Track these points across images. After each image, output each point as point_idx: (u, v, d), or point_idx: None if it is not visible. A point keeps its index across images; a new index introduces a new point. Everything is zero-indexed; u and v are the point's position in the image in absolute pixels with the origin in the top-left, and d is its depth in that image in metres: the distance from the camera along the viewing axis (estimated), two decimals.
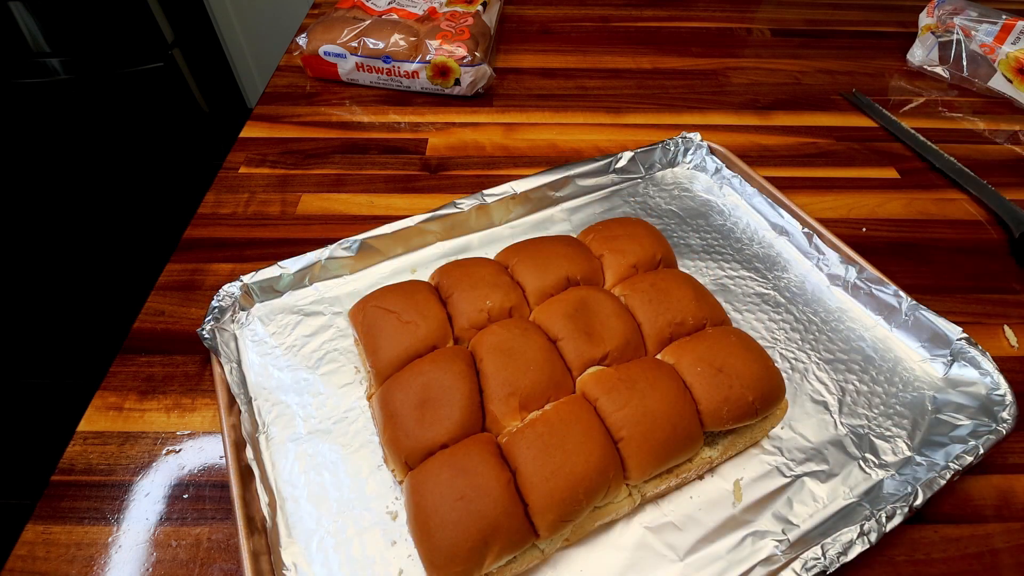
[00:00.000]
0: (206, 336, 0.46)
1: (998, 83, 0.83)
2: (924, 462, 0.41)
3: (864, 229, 0.62)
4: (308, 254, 0.53)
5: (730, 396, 0.38)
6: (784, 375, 0.46)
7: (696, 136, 0.67)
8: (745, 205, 0.63)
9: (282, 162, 0.68)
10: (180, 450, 0.43)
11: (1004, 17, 0.83)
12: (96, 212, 1.74)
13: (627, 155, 0.65)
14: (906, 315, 0.49)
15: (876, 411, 0.45)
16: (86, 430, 0.43)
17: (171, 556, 0.37)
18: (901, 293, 0.50)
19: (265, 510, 0.38)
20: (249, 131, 0.73)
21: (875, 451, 0.43)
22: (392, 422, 0.38)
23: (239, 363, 0.47)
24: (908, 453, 0.43)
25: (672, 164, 0.68)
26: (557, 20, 0.99)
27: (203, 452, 0.43)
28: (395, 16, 0.80)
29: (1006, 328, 0.53)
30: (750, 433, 0.41)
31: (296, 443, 0.42)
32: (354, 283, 0.54)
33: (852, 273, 0.53)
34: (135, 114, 1.69)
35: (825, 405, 0.46)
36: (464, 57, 0.74)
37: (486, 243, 0.58)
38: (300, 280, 0.52)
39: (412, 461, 0.37)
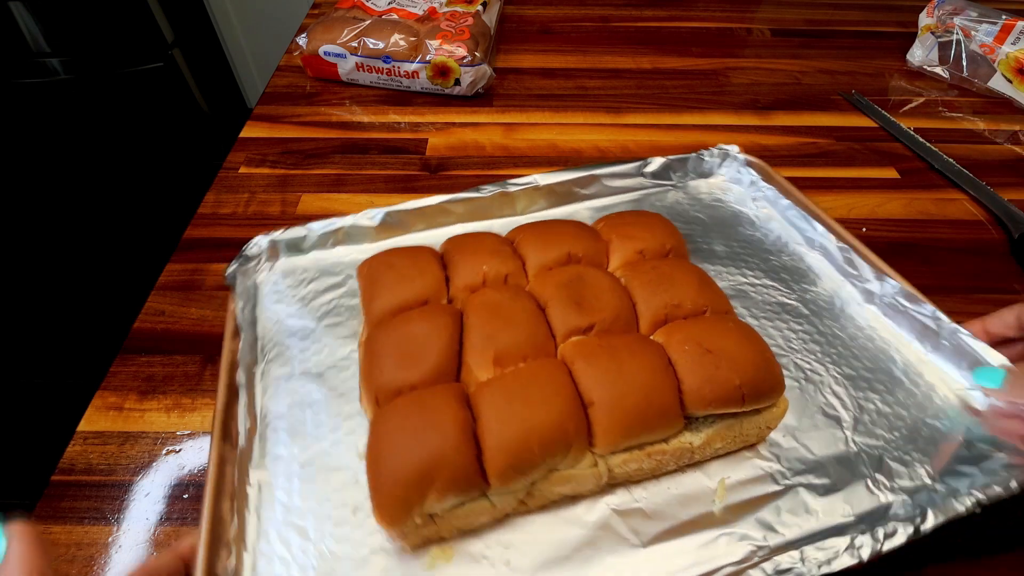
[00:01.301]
0: (229, 279, 0.49)
1: (998, 83, 0.83)
2: (945, 491, 0.37)
3: (864, 229, 0.62)
4: (334, 219, 0.55)
5: (715, 376, 0.36)
6: (796, 385, 0.44)
7: (734, 148, 0.65)
8: (778, 217, 0.60)
9: (282, 162, 0.68)
10: (180, 450, 0.43)
11: (1004, 17, 0.83)
12: (96, 212, 1.74)
13: (659, 160, 0.63)
14: (946, 339, 0.45)
15: (897, 434, 0.42)
16: (86, 430, 0.43)
17: None
18: (940, 315, 0.46)
19: (244, 432, 0.40)
20: (249, 131, 0.73)
21: (889, 473, 0.39)
22: (370, 361, 0.39)
23: (254, 305, 0.50)
24: (927, 481, 0.39)
25: (706, 174, 0.65)
26: (557, 20, 0.99)
27: (203, 452, 0.43)
28: (395, 16, 0.80)
29: None
30: (740, 429, 0.39)
31: (288, 381, 0.45)
32: (373, 251, 0.55)
33: (888, 291, 0.49)
34: (135, 114, 1.69)
35: (838, 420, 0.43)
36: (464, 57, 0.74)
37: (507, 230, 0.56)
38: (324, 242, 0.55)
39: (382, 398, 0.37)
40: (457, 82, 0.76)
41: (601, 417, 0.35)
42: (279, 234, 0.54)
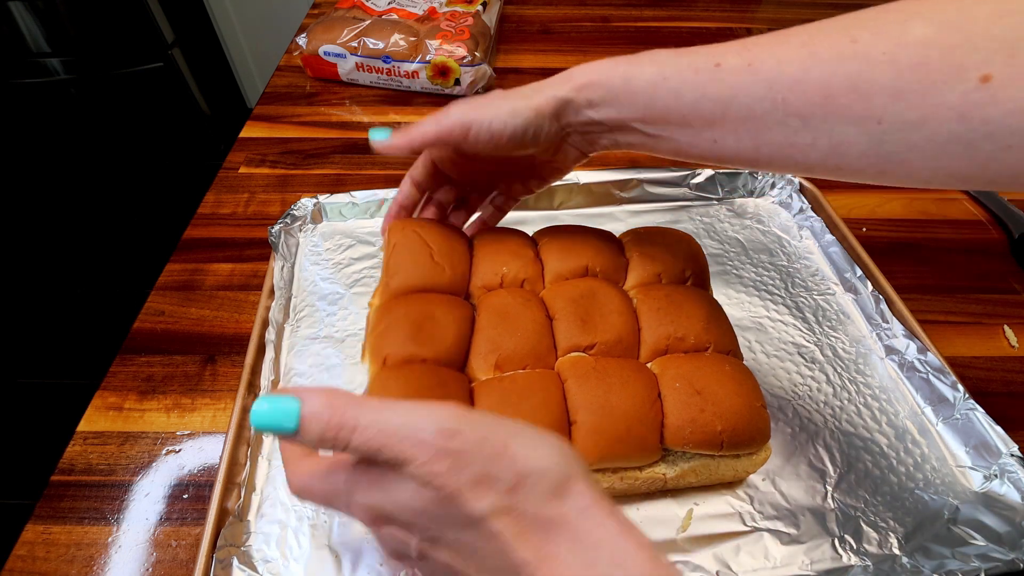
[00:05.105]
0: (274, 236, 0.54)
1: None
2: (909, 566, 0.37)
3: (864, 229, 0.62)
4: (378, 191, 0.60)
5: (698, 419, 0.37)
6: (789, 431, 0.44)
7: None
8: (819, 253, 0.58)
9: (282, 162, 0.68)
10: (180, 450, 0.43)
11: None
12: (96, 212, 1.75)
13: (707, 172, 0.62)
14: (959, 413, 0.44)
15: (879, 499, 0.41)
16: (86, 430, 0.43)
17: (171, 556, 0.37)
18: (960, 387, 0.44)
19: (267, 385, 0.45)
20: (249, 131, 0.73)
21: (859, 536, 0.39)
22: (388, 324, 0.39)
23: (293, 264, 0.55)
24: (896, 551, 0.38)
25: (756, 194, 0.64)
26: (557, 20, 0.99)
27: (203, 452, 0.43)
28: (395, 16, 0.80)
29: (1006, 328, 0.53)
30: (716, 469, 0.39)
31: (313, 342, 0.49)
32: None
33: (912, 351, 0.48)
34: (135, 114, 1.69)
35: (823, 474, 0.42)
36: (464, 57, 0.74)
37: (544, 222, 0.54)
38: (365, 211, 0.60)
39: (391, 361, 0.38)
40: (457, 82, 0.76)
41: (581, 437, 0.36)
42: (324, 198, 0.59)
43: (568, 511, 0.22)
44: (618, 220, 0.61)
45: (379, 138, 0.39)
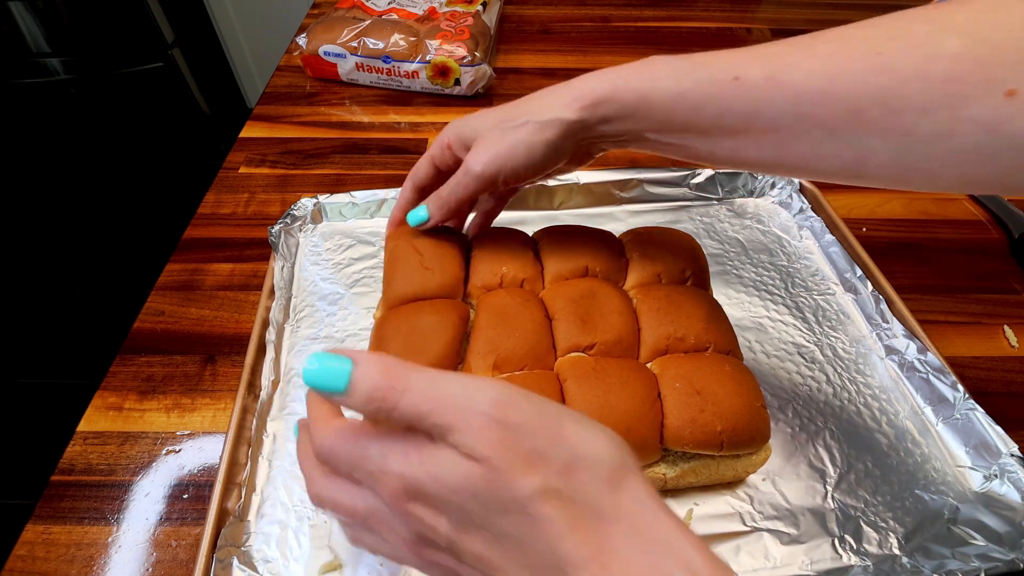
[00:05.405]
0: (274, 236, 0.54)
1: None
2: (909, 566, 0.36)
3: (864, 229, 0.62)
4: (378, 191, 0.60)
5: (698, 419, 0.37)
6: (788, 431, 0.44)
7: None
8: (819, 253, 0.58)
9: (282, 162, 0.68)
10: (180, 450, 0.43)
11: None
12: (96, 212, 1.75)
13: (707, 172, 0.62)
14: (959, 413, 0.44)
15: (879, 499, 0.41)
16: (86, 430, 0.43)
17: (171, 556, 0.38)
18: (960, 387, 0.44)
19: (267, 385, 0.45)
20: (249, 131, 0.73)
21: (859, 536, 0.39)
22: (379, 343, 0.40)
23: (293, 264, 0.55)
24: (896, 551, 0.38)
25: (756, 194, 0.64)
26: (557, 20, 0.99)
27: (203, 452, 0.43)
28: (395, 16, 0.80)
29: (1006, 328, 0.53)
30: (716, 469, 0.39)
31: (313, 342, 0.49)
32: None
33: (912, 351, 0.48)
34: (135, 114, 1.69)
35: (822, 474, 0.42)
36: (464, 57, 0.74)
37: (544, 222, 0.54)
38: (365, 211, 0.60)
39: None
40: (457, 82, 0.76)
41: None
42: (324, 198, 0.59)
43: (624, 502, 0.21)
44: (618, 220, 0.61)
45: (420, 219, 0.42)
